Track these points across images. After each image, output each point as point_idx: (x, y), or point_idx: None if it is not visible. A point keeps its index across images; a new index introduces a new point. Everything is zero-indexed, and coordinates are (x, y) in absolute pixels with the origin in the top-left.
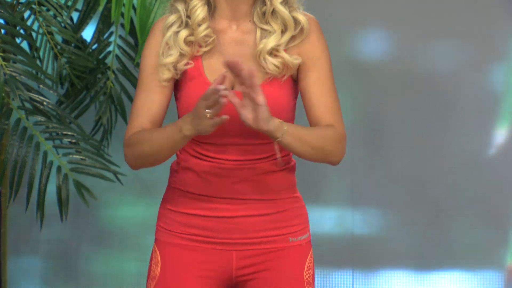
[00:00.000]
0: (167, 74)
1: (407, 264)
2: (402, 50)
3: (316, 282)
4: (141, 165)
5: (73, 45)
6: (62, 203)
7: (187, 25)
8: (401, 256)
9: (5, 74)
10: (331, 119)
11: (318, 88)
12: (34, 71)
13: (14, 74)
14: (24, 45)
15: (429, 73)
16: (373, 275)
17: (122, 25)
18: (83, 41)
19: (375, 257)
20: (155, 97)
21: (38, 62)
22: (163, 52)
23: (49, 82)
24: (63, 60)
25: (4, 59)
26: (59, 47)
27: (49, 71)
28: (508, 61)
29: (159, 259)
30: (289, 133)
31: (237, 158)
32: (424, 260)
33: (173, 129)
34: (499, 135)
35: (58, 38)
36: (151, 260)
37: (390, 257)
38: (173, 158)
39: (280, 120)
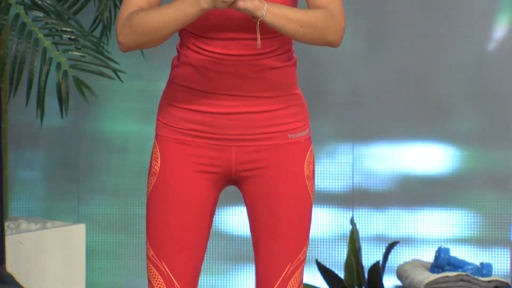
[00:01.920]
0: None
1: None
2: None
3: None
4: (138, 43)
5: None
6: (62, 99)
7: None
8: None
9: None
10: (330, 7)
11: None
12: None
13: None
14: None
15: None
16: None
17: None
18: None
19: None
20: None
21: None
22: None
23: None
24: None
25: None
26: None
27: None
28: None
29: (159, 154)
30: (271, 11)
31: (239, 52)
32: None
33: (186, 2)
34: (499, 29)
35: None
36: (151, 156)
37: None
38: (174, 53)
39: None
